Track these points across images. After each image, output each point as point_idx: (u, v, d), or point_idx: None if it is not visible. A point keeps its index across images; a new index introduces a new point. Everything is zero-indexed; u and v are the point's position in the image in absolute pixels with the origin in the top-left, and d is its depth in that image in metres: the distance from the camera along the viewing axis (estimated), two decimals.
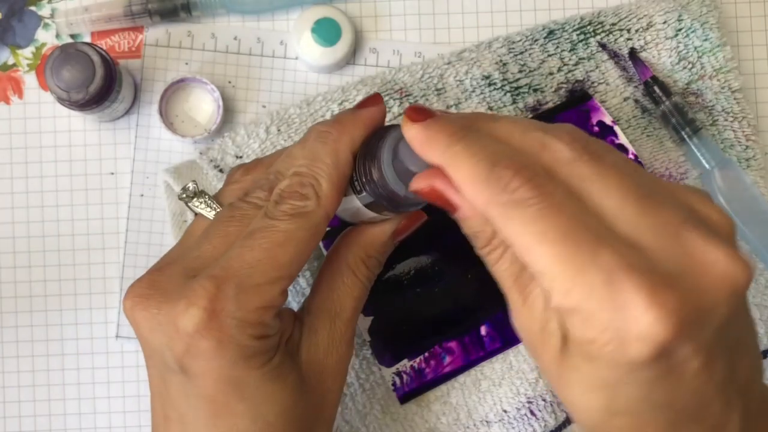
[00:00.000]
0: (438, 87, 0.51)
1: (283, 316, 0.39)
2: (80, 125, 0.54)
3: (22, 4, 0.54)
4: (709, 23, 0.52)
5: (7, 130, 0.54)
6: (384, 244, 0.41)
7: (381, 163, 0.36)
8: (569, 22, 0.52)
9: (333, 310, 0.40)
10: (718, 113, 0.52)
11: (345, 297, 0.40)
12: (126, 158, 0.54)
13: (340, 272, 0.40)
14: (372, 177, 0.36)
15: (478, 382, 0.48)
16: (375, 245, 0.41)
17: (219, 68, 0.54)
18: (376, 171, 0.36)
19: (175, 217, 0.50)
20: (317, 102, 0.50)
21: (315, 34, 0.52)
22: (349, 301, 0.40)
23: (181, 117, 0.53)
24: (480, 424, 0.48)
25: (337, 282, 0.40)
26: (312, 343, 0.39)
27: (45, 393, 0.53)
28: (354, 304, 0.40)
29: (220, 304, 0.35)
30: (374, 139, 0.37)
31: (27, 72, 0.54)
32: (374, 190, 0.37)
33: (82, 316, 0.53)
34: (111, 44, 0.54)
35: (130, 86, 0.52)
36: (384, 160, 0.36)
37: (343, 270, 0.40)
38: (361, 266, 0.41)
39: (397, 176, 0.36)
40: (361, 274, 0.41)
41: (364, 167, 0.37)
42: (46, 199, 0.53)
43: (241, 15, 0.54)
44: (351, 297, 0.40)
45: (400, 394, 0.48)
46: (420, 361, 0.48)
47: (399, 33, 0.55)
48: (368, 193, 0.37)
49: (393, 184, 0.36)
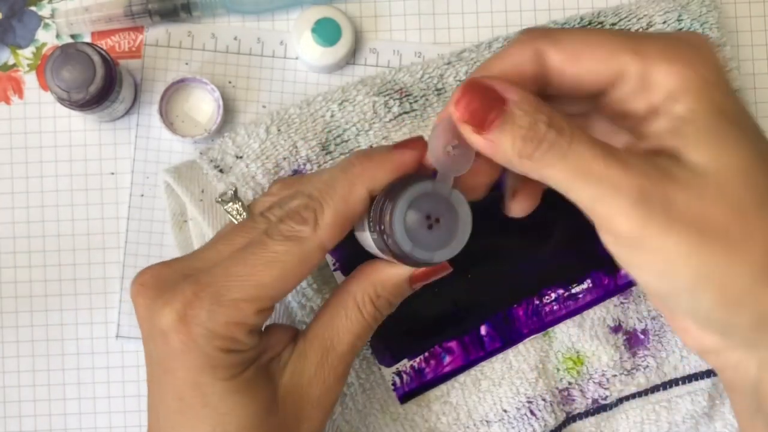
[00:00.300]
0: (438, 87, 0.51)
1: (272, 334, 0.39)
2: (80, 125, 0.54)
3: (23, 4, 0.54)
4: (708, 23, 0.52)
5: (8, 130, 0.54)
6: (397, 285, 0.39)
7: (393, 216, 0.34)
8: (569, 23, 0.52)
9: (328, 341, 0.39)
10: None
11: (344, 331, 0.39)
12: (126, 158, 0.54)
13: (345, 305, 0.39)
14: (383, 224, 0.35)
15: (478, 381, 0.48)
16: (387, 285, 0.39)
17: (219, 68, 0.54)
18: (387, 221, 0.34)
19: (175, 217, 0.50)
20: (317, 102, 0.50)
21: (315, 34, 0.52)
22: (347, 336, 0.39)
23: (182, 117, 0.53)
24: (480, 423, 0.48)
25: (340, 314, 0.39)
26: (297, 368, 0.38)
27: (45, 393, 0.53)
28: (352, 341, 0.39)
29: (192, 311, 0.35)
30: (399, 185, 0.35)
31: (27, 72, 0.54)
32: (382, 238, 0.35)
33: (82, 316, 0.53)
34: (111, 44, 0.54)
35: (130, 86, 0.52)
36: (396, 213, 0.34)
37: (348, 303, 0.39)
38: (368, 304, 0.39)
39: (406, 232, 0.34)
40: (366, 312, 0.39)
41: (379, 211, 0.35)
42: (46, 199, 0.53)
43: (241, 15, 0.54)
44: (350, 332, 0.39)
45: (400, 393, 0.48)
46: (420, 361, 0.48)
47: (399, 33, 0.55)
48: (378, 237, 0.36)
49: (400, 240, 0.34)
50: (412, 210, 0.34)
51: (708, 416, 0.50)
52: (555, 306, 0.48)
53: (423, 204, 0.34)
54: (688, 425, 0.50)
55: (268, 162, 0.49)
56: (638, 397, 0.49)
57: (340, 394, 0.40)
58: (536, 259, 0.49)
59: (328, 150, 0.50)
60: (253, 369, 0.37)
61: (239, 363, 0.36)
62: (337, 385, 0.39)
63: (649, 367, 0.49)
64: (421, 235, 0.34)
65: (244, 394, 0.36)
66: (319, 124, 0.50)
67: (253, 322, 0.36)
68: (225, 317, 0.35)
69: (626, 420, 0.50)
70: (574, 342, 0.49)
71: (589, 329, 0.49)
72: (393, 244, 0.35)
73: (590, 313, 0.49)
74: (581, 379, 0.49)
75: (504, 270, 0.48)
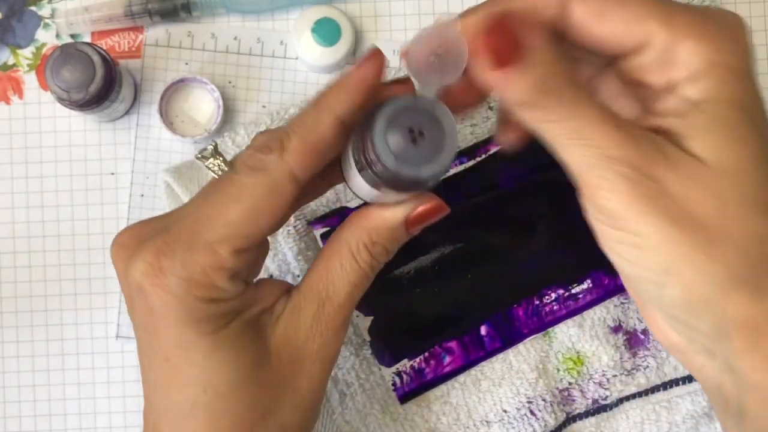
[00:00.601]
0: None
1: (262, 286, 0.37)
2: (80, 125, 0.54)
3: (22, 4, 0.54)
4: None
5: (8, 130, 0.54)
6: (392, 229, 0.37)
7: (373, 132, 0.32)
8: None
9: (324, 293, 0.37)
10: None
11: (340, 280, 0.37)
12: (126, 158, 0.54)
13: (339, 253, 0.37)
14: (366, 149, 0.33)
15: (478, 382, 0.48)
16: (381, 230, 0.37)
17: (219, 68, 0.54)
18: (369, 143, 0.32)
19: None
20: None
21: (315, 34, 0.52)
22: (343, 286, 0.37)
23: (181, 117, 0.53)
24: (480, 424, 0.48)
25: (334, 263, 0.37)
26: (292, 322, 0.36)
27: (45, 393, 0.53)
28: (349, 290, 0.37)
29: (166, 261, 0.33)
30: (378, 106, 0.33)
31: (27, 72, 0.54)
32: (368, 166, 0.33)
33: (82, 316, 0.53)
34: (111, 44, 0.54)
35: (130, 86, 0.52)
36: (377, 129, 0.32)
37: (343, 252, 0.37)
38: (364, 251, 0.37)
39: (389, 148, 0.32)
40: (362, 259, 0.37)
41: (360, 138, 0.33)
42: (46, 199, 0.53)
43: (241, 15, 0.54)
44: (347, 282, 0.37)
45: (400, 394, 0.48)
46: (420, 361, 0.48)
47: (399, 33, 0.55)
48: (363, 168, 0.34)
49: (383, 156, 0.32)
50: (393, 124, 0.32)
51: (708, 416, 0.50)
52: (555, 306, 0.48)
53: (404, 117, 0.32)
54: (689, 425, 0.50)
55: None
56: (638, 397, 0.49)
57: (339, 348, 0.38)
58: (536, 259, 0.49)
59: None
60: (240, 322, 0.35)
61: (222, 314, 0.34)
62: (335, 338, 0.37)
63: (650, 368, 0.49)
64: (405, 150, 0.32)
65: (232, 349, 0.34)
66: None
67: (231, 265, 0.34)
68: (200, 263, 0.33)
69: (626, 420, 0.49)
70: (574, 342, 0.49)
71: (590, 329, 0.49)
72: (378, 166, 0.32)
73: (590, 313, 0.49)
74: (581, 379, 0.49)
75: (504, 270, 0.48)
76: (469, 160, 0.49)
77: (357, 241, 0.37)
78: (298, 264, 0.48)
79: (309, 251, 0.48)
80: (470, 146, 0.50)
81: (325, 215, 0.49)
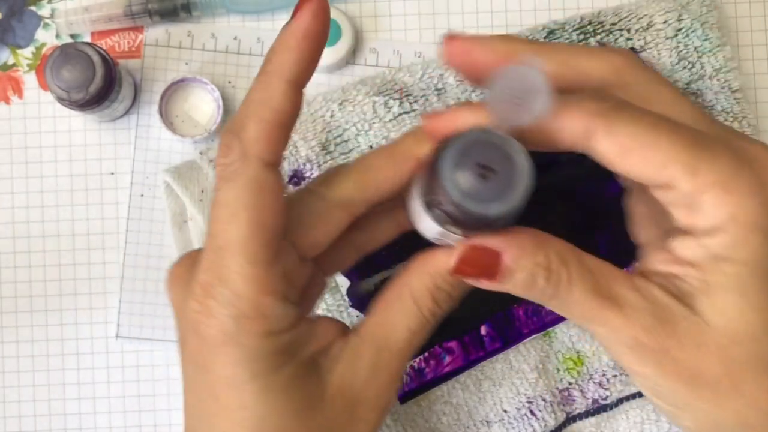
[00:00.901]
0: (438, 87, 0.51)
1: (318, 323, 0.35)
2: (80, 125, 0.54)
3: (22, 4, 0.54)
4: (709, 23, 0.52)
5: (7, 130, 0.54)
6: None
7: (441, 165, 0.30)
8: (569, 22, 0.52)
9: (383, 340, 0.35)
10: (718, 113, 0.52)
11: (400, 328, 0.35)
12: (126, 158, 0.54)
13: (400, 298, 0.35)
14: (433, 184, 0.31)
15: (478, 382, 0.48)
16: (447, 275, 0.34)
17: (219, 68, 0.54)
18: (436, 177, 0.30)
19: (175, 217, 0.50)
20: (317, 102, 0.50)
21: None
22: (403, 333, 0.35)
23: (181, 117, 0.53)
24: (480, 424, 0.48)
25: (395, 309, 0.35)
26: (350, 367, 0.34)
27: (45, 393, 0.53)
28: (408, 337, 0.35)
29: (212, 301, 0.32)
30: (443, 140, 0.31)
31: (27, 72, 0.54)
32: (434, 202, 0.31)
33: (82, 316, 0.53)
34: (111, 44, 0.54)
35: (130, 86, 0.52)
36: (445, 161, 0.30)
37: (404, 297, 0.35)
38: (427, 297, 0.34)
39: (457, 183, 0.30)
40: (425, 306, 0.35)
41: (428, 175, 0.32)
42: (46, 199, 0.53)
43: (241, 15, 0.54)
44: (407, 328, 0.35)
45: (400, 393, 0.48)
46: (420, 361, 0.48)
47: (399, 33, 0.55)
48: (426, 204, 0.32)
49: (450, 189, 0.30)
50: (462, 158, 0.30)
51: None
52: None
53: (474, 152, 0.30)
54: None
55: None
56: (638, 397, 0.49)
57: (396, 393, 0.36)
58: None
59: (328, 150, 0.50)
60: (295, 363, 0.33)
61: (278, 351, 0.33)
62: (393, 385, 0.35)
63: None
64: (474, 186, 0.30)
65: (284, 392, 0.33)
66: (319, 124, 0.50)
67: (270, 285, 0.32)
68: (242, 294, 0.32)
69: (626, 420, 0.49)
70: (574, 342, 0.49)
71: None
72: (444, 202, 0.31)
73: None
74: (581, 379, 0.49)
75: None
76: None
77: (420, 285, 0.35)
78: None
79: None
80: None
81: None
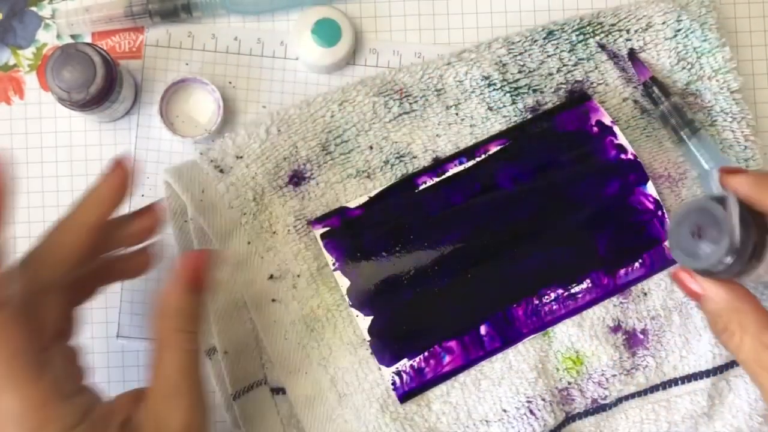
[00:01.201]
0: (438, 87, 0.51)
1: (117, 399, 0.42)
2: (81, 126, 0.54)
3: (23, 4, 0.54)
4: (708, 24, 0.52)
5: (8, 131, 0.54)
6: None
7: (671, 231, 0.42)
8: (569, 23, 0.52)
9: (163, 387, 0.41)
10: (717, 114, 0.52)
11: (170, 369, 0.41)
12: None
13: (158, 347, 0.42)
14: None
15: (477, 381, 0.48)
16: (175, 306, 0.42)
17: (219, 68, 0.54)
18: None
19: (175, 217, 0.51)
20: (317, 102, 0.50)
21: (315, 34, 0.53)
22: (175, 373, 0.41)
23: (182, 117, 0.53)
24: (480, 423, 0.48)
25: (159, 358, 0.42)
26: (154, 424, 0.40)
27: None
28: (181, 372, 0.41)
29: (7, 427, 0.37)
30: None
31: (28, 72, 0.54)
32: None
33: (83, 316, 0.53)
34: (111, 45, 0.54)
35: (130, 87, 0.52)
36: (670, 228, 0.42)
37: (161, 344, 0.42)
38: (174, 335, 0.42)
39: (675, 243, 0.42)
40: (178, 343, 0.41)
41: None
42: (47, 200, 0.53)
43: (241, 16, 0.55)
44: (177, 369, 0.41)
45: (400, 393, 0.48)
46: (420, 361, 0.48)
47: (399, 34, 0.55)
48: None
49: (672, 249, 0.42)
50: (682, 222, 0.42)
51: (707, 416, 0.50)
52: (554, 306, 0.49)
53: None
54: (688, 425, 0.50)
55: (269, 162, 0.49)
56: (637, 396, 0.49)
57: (204, 407, 0.41)
58: (536, 259, 0.49)
59: (328, 150, 0.50)
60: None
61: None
62: (198, 406, 0.41)
63: (649, 367, 0.49)
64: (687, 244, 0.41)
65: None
66: (319, 124, 0.50)
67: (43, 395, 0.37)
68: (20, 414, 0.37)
69: (625, 420, 0.50)
70: (573, 342, 0.49)
71: (589, 329, 0.49)
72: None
73: (590, 313, 0.49)
74: (581, 378, 0.49)
75: (504, 270, 0.48)
76: (469, 161, 0.49)
77: (164, 329, 0.41)
78: (298, 263, 0.48)
79: (308, 251, 0.48)
80: (470, 146, 0.50)
81: (325, 215, 0.49)
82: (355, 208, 0.49)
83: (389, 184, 0.50)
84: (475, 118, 0.51)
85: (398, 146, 0.50)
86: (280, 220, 0.49)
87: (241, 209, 0.49)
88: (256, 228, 0.49)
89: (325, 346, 0.48)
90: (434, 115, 0.51)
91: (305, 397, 0.48)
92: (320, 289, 0.48)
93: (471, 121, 0.51)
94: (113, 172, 0.43)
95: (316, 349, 0.48)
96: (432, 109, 0.51)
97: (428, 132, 0.50)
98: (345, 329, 0.48)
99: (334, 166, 0.50)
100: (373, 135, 0.50)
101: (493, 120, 0.51)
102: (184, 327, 0.41)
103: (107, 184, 0.42)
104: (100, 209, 0.42)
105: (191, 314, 0.42)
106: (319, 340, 0.48)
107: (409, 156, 0.50)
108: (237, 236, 0.49)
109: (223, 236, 0.49)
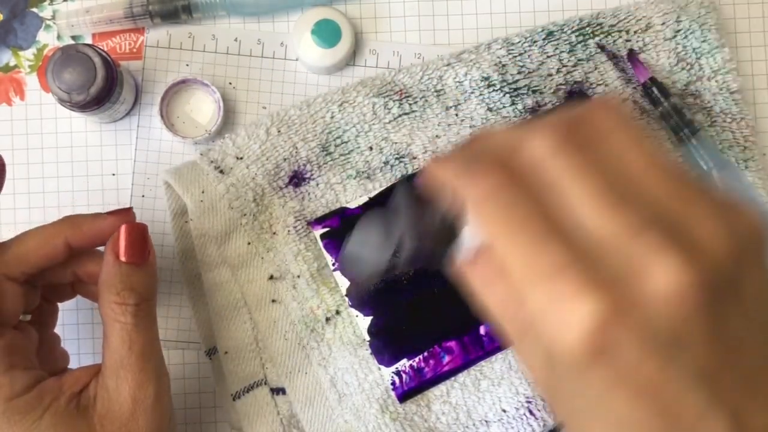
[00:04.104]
0: (437, 88, 0.51)
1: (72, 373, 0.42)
2: (81, 126, 0.54)
3: (24, 5, 0.54)
4: (707, 24, 0.52)
5: (9, 132, 0.54)
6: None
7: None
8: (568, 24, 0.52)
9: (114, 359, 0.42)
10: (717, 114, 0.52)
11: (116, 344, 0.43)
12: (127, 159, 0.54)
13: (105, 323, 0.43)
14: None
15: (477, 381, 0.48)
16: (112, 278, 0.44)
17: (219, 69, 0.54)
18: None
19: (176, 218, 0.51)
20: (317, 103, 0.51)
21: (315, 35, 0.53)
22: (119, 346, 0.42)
23: (182, 118, 0.53)
24: (479, 423, 0.48)
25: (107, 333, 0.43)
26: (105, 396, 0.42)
27: None
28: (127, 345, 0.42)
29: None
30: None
31: (28, 73, 0.54)
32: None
33: (83, 316, 0.53)
34: (112, 46, 0.54)
35: (131, 87, 0.52)
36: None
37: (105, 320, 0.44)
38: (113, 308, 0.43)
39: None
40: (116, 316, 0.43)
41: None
42: (48, 201, 0.54)
43: (241, 17, 0.55)
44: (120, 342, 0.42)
45: (399, 393, 0.48)
46: (419, 361, 0.48)
47: (399, 34, 0.55)
48: None
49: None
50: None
51: None
52: None
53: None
54: None
55: (269, 163, 0.49)
56: None
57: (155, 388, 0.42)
58: None
59: (328, 151, 0.50)
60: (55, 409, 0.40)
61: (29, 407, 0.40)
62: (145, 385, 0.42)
63: None
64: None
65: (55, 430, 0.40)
66: (319, 125, 0.50)
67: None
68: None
69: None
70: None
71: None
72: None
73: None
74: None
75: None
76: None
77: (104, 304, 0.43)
78: (298, 264, 0.48)
79: (308, 251, 0.49)
80: None
81: (324, 216, 0.49)
82: (355, 209, 0.49)
83: (389, 185, 0.50)
84: (474, 118, 0.51)
85: (398, 147, 0.50)
86: (280, 220, 0.49)
87: (241, 210, 0.49)
88: (257, 229, 0.49)
89: (325, 346, 0.48)
90: (434, 116, 0.51)
91: (305, 397, 0.49)
92: (320, 290, 0.48)
93: (471, 122, 0.51)
94: (120, 215, 0.44)
95: (315, 349, 0.48)
96: (432, 110, 0.51)
97: (428, 133, 0.51)
98: (345, 329, 0.48)
99: (334, 166, 0.50)
100: (373, 136, 0.50)
101: (492, 121, 0.51)
102: (121, 299, 0.42)
103: (108, 219, 0.44)
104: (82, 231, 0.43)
105: (126, 287, 0.42)
106: (319, 340, 0.48)
107: (409, 157, 0.50)
108: (237, 237, 0.49)
109: (223, 237, 0.49)
